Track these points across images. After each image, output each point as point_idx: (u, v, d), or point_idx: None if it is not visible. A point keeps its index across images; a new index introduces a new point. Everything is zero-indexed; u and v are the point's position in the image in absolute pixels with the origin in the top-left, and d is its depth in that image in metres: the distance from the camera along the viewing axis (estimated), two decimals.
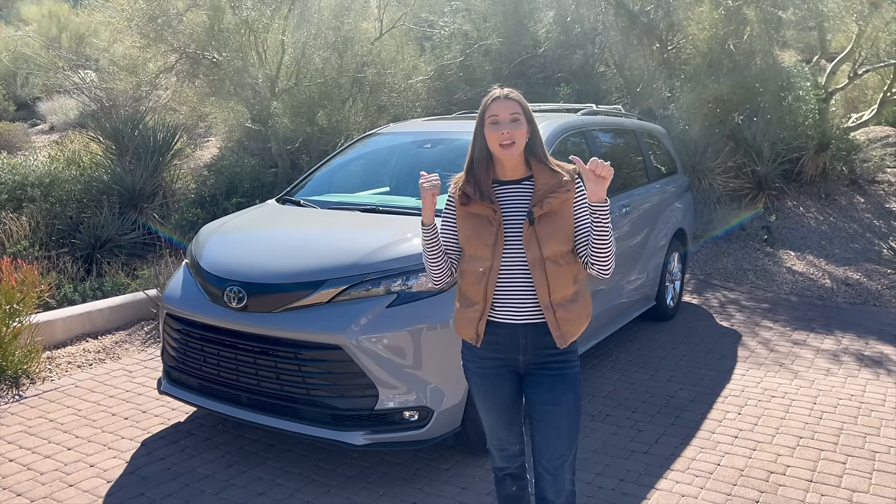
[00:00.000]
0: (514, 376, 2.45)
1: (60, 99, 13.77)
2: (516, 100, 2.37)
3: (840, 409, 4.27)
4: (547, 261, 2.31)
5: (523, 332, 2.36)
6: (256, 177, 8.46)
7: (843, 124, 9.24)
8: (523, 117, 2.35)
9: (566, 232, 2.35)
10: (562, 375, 2.38)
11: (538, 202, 2.33)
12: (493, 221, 2.35)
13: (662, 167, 6.05)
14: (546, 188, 2.35)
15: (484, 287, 2.35)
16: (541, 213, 2.32)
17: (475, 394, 2.53)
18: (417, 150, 4.75)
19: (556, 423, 2.36)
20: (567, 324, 2.34)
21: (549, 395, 2.37)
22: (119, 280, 6.24)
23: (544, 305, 2.32)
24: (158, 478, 3.46)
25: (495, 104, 2.35)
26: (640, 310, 5.49)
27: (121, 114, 9.08)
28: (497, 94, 2.38)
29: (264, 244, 3.90)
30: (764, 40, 8.44)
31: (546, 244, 2.30)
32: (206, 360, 3.57)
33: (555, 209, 2.33)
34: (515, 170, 2.40)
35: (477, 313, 2.38)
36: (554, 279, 2.31)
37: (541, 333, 2.36)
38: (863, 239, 7.91)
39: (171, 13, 8.74)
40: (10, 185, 7.38)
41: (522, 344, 2.37)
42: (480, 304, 2.36)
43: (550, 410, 2.36)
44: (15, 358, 4.52)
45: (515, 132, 2.33)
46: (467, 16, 10.35)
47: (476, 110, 2.50)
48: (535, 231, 2.31)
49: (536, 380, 2.39)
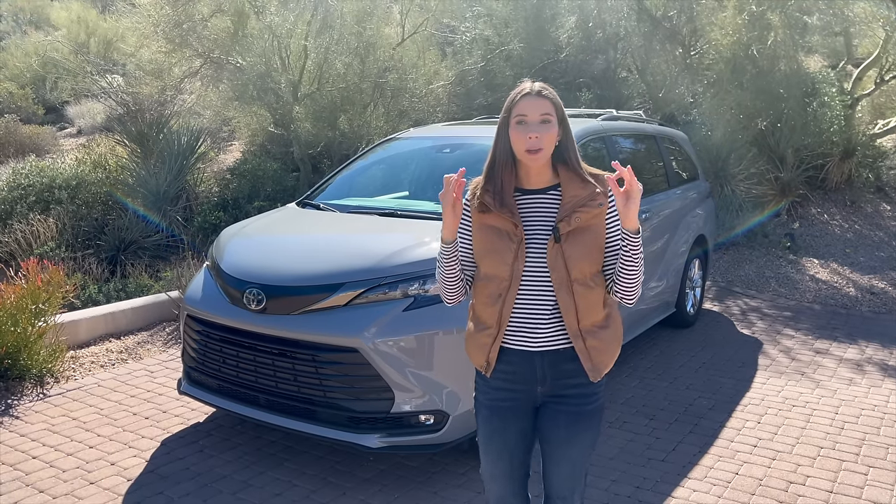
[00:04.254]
0: (528, 415, 2.19)
1: (88, 103, 14.01)
2: (549, 98, 2.06)
3: (863, 419, 4.20)
4: (575, 283, 2.05)
5: (540, 361, 2.11)
6: (279, 180, 8.54)
7: (870, 131, 9.10)
8: (555, 118, 2.05)
9: (597, 250, 2.08)
10: (580, 412, 2.14)
11: (565, 217, 2.05)
12: (513, 237, 2.07)
13: (684, 173, 6.01)
14: (575, 201, 2.06)
15: (499, 310, 2.09)
16: (568, 230, 2.04)
17: (481, 433, 2.23)
18: (437, 155, 4.77)
19: (570, 459, 2.17)
20: (599, 353, 2.10)
21: (565, 433, 2.14)
22: (142, 281, 6.33)
23: (573, 333, 2.07)
24: (177, 477, 3.50)
25: (524, 101, 2.05)
26: (660, 316, 5.45)
27: (146, 118, 9.20)
28: (527, 88, 2.06)
29: (283, 247, 3.94)
30: (788, 46, 8.34)
31: (574, 264, 2.04)
32: (225, 362, 3.61)
33: (584, 225, 2.06)
34: (541, 177, 2.12)
35: (489, 338, 2.13)
36: (583, 303, 2.06)
37: (560, 361, 2.11)
38: (889, 247, 7.79)
39: (196, 19, 8.87)
40: (38, 188, 7.53)
41: (540, 375, 2.12)
42: (494, 328, 2.11)
43: (565, 447, 2.16)
44: (40, 357, 4.60)
45: (545, 136, 2.03)
46: (489, 21, 10.36)
47: (495, 116, 2.31)
48: (561, 249, 2.04)
49: (552, 413, 2.15)
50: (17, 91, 15.14)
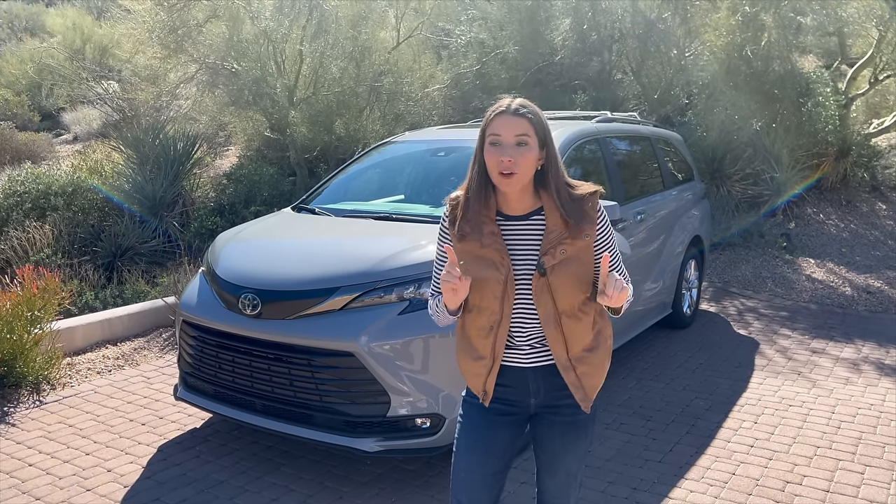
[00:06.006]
0: (519, 425, 2.12)
1: (84, 109, 14.01)
2: (528, 117, 1.89)
3: (859, 418, 4.21)
4: (563, 315, 1.95)
5: (533, 376, 2.05)
6: (275, 185, 8.54)
7: (864, 130, 9.13)
8: (534, 140, 1.88)
9: (586, 279, 1.97)
10: (575, 421, 2.09)
11: (550, 250, 1.92)
12: (500, 268, 1.94)
13: (679, 174, 6.02)
14: (559, 231, 1.93)
15: (493, 343, 2.00)
16: (553, 263, 1.92)
17: (462, 434, 2.12)
18: (432, 159, 4.78)
19: (566, 467, 2.14)
20: (589, 378, 2.03)
21: (561, 443, 2.10)
22: (139, 287, 6.33)
23: (562, 366, 1.99)
24: (174, 483, 3.50)
25: (499, 119, 1.89)
26: (657, 318, 5.46)
27: (142, 123, 9.22)
28: (503, 106, 1.91)
29: (279, 252, 3.94)
30: (782, 46, 8.36)
31: (561, 297, 1.93)
32: (221, 367, 3.61)
33: (571, 256, 1.93)
34: (522, 202, 1.97)
35: (485, 369, 2.03)
36: (572, 334, 1.97)
37: (554, 374, 2.04)
38: (884, 246, 7.81)
39: (191, 24, 8.87)
40: (34, 194, 7.52)
41: (533, 388, 2.06)
42: (488, 359, 2.02)
43: (561, 456, 2.12)
44: (36, 364, 4.60)
45: (520, 160, 1.86)
46: (484, 24, 10.38)
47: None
48: (547, 283, 1.92)
49: (547, 424, 2.11)
50: (13, 98, 15.15)
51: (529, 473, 2.38)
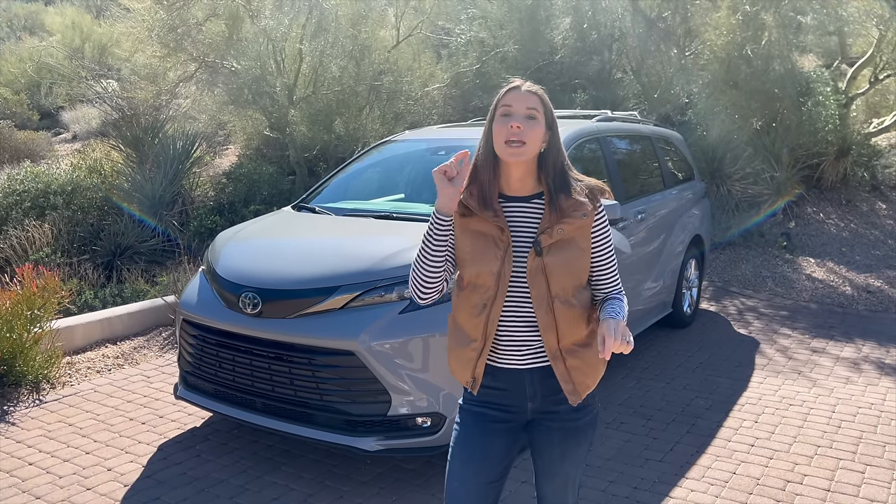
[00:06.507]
0: (516, 431, 2.08)
1: (83, 108, 14.00)
2: (538, 95, 1.96)
3: (859, 417, 4.21)
4: (556, 300, 1.94)
5: (530, 378, 2.01)
6: (274, 184, 8.53)
7: (865, 129, 9.13)
8: (542, 118, 1.94)
9: (581, 264, 1.98)
10: (575, 427, 2.05)
11: (547, 229, 1.93)
12: (499, 243, 1.95)
13: (679, 173, 6.02)
14: (558, 213, 1.95)
15: (484, 322, 1.97)
16: (550, 243, 1.94)
17: (458, 441, 2.08)
18: (432, 158, 4.77)
19: (565, 473, 2.10)
20: (580, 373, 1.99)
21: (560, 450, 2.06)
22: (139, 286, 6.32)
23: (552, 354, 1.96)
24: (174, 482, 3.50)
25: (511, 94, 1.94)
26: (657, 317, 5.46)
27: (141, 122, 9.18)
28: (516, 83, 1.96)
29: (279, 251, 3.93)
30: (782, 45, 8.36)
31: (555, 279, 1.93)
32: (221, 366, 3.60)
33: (568, 237, 1.95)
34: (523, 183, 2.00)
35: (475, 353, 2.00)
36: (564, 321, 1.95)
37: (551, 377, 2.00)
38: (885, 245, 7.80)
39: (190, 23, 8.87)
40: (33, 193, 7.51)
41: (530, 392, 2.02)
42: (479, 341, 1.99)
43: (560, 462, 2.08)
44: (36, 363, 4.59)
45: (529, 131, 1.91)
46: (483, 23, 10.37)
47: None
48: (542, 263, 1.93)
49: (545, 430, 2.06)
50: (12, 97, 15.13)
51: (530, 473, 2.38)
